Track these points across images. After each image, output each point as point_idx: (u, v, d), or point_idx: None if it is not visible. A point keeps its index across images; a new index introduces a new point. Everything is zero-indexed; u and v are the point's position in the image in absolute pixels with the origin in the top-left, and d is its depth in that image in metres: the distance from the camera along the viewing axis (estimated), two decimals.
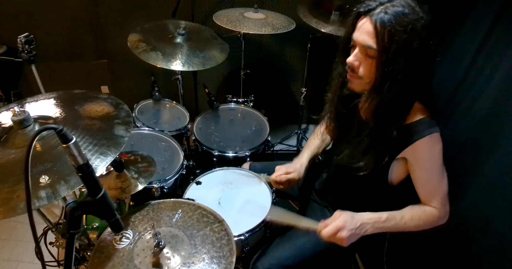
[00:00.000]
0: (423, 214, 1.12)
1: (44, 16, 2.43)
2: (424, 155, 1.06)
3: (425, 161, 1.07)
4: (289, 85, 2.97)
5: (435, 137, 1.03)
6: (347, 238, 1.06)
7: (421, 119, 1.04)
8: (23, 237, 2.08)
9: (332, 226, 1.08)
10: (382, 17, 0.90)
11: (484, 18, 1.31)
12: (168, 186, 1.64)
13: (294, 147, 2.85)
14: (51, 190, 0.86)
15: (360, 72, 1.01)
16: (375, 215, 1.11)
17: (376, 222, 1.10)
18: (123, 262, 1.09)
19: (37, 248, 0.80)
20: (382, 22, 0.90)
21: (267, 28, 2.00)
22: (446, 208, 1.12)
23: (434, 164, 1.08)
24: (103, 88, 2.80)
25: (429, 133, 1.02)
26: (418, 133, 1.03)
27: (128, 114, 1.14)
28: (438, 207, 1.11)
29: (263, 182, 1.55)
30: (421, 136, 1.02)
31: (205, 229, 1.19)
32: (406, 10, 0.90)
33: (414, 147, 1.04)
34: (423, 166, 1.08)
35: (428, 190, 1.12)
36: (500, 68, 1.21)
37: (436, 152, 1.06)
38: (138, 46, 1.91)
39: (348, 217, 1.09)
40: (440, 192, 1.11)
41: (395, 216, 1.11)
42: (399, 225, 1.11)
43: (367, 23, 0.94)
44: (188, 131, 2.02)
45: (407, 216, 1.12)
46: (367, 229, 1.09)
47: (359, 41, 0.97)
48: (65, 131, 0.66)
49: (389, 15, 0.89)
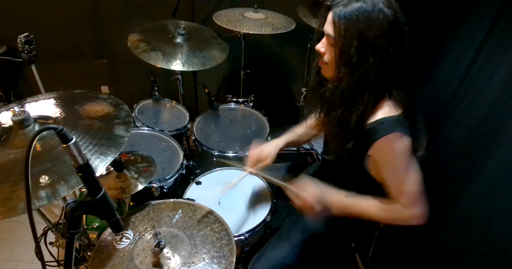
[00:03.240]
0: (392, 210, 1.12)
1: (44, 16, 2.44)
2: (386, 153, 1.07)
3: (387, 159, 1.08)
4: (289, 85, 2.97)
5: (395, 136, 1.03)
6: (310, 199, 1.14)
7: (385, 118, 1.05)
8: (23, 237, 2.08)
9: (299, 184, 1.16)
10: (340, 9, 1.00)
11: (484, 18, 1.31)
12: (168, 186, 1.64)
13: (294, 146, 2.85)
14: (51, 190, 0.86)
15: (325, 58, 1.10)
16: (341, 199, 1.17)
17: (341, 206, 1.17)
18: (124, 262, 1.09)
19: (37, 248, 0.80)
20: (340, 13, 1.00)
21: (267, 28, 2.00)
22: (419, 208, 1.09)
23: (395, 162, 1.08)
24: (103, 88, 2.80)
25: (388, 133, 1.03)
26: (379, 132, 1.04)
27: (128, 114, 1.14)
28: (408, 206, 1.09)
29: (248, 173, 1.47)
30: (381, 135, 1.04)
31: (205, 229, 1.19)
32: (365, 4, 0.98)
33: (376, 145, 1.06)
34: (386, 164, 1.09)
35: (394, 188, 1.11)
36: (500, 68, 1.21)
37: (397, 150, 1.05)
38: (138, 46, 1.91)
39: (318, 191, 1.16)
40: (408, 190, 1.08)
41: (360, 206, 1.16)
42: (364, 214, 1.16)
43: (330, 13, 1.04)
44: (188, 131, 2.02)
45: (372, 208, 1.15)
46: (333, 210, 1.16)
47: (325, 30, 1.07)
48: (65, 132, 0.66)
49: (347, 7, 0.99)
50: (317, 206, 1.14)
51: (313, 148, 2.56)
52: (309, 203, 1.14)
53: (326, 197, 1.16)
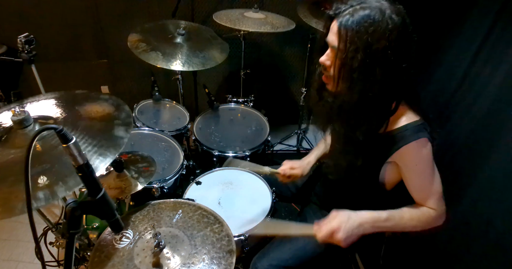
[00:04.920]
0: (422, 214, 1.11)
1: (44, 16, 2.43)
2: (412, 160, 1.06)
3: (413, 165, 1.07)
4: (289, 85, 2.97)
5: (421, 142, 1.03)
6: (344, 240, 1.05)
7: (408, 124, 1.04)
8: (23, 237, 2.08)
9: (326, 228, 1.07)
10: (346, 20, 0.93)
11: (484, 18, 1.31)
12: (168, 186, 1.64)
13: (294, 147, 2.85)
14: (49, 191, 0.86)
15: (330, 72, 1.04)
16: (374, 214, 1.10)
17: (375, 221, 1.09)
18: (123, 262, 1.09)
19: (37, 248, 0.80)
20: (346, 24, 0.93)
21: (267, 27, 2.00)
22: (443, 208, 1.12)
23: (423, 168, 1.08)
24: (103, 88, 2.80)
25: (415, 139, 1.02)
26: (404, 139, 1.03)
27: (128, 115, 1.14)
28: (435, 208, 1.11)
29: (266, 174, 1.54)
30: (407, 141, 1.03)
31: (205, 230, 1.19)
32: (373, 12, 0.91)
33: (401, 152, 1.05)
34: (413, 170, 1.09)
35: (421, 193, 1.12)
36: (500, 68, 1.21)
37: (424, 156, 1.06)
38: (138, 46, 1.91)
39: (344, 217, 1.08)
40: (434, 193, 1.10)
41: (394, 216, 1.11)
42: (399, 224, 1.11)
43: (334, 24, 0.98)
44: (188, 131, 2.02)
45: (406, 216, 1.11)
46: (366, 228, 1.08)
47: (329, 42, 1.01)
48: (65, 131, 0.66)
49: (354, 17, 0.92)
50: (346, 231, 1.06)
51: (313, 147, 2.55)
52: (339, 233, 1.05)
53: (355, 218, 1.08)
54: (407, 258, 1.66)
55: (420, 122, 1.05)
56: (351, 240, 1.07)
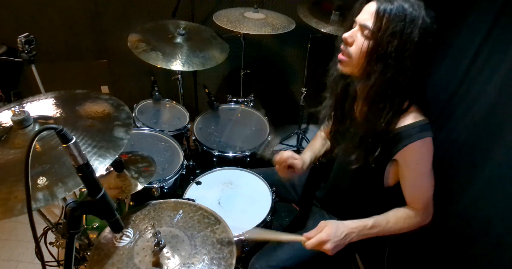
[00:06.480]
0: (408, 217, 1.14)
1: (44, 16, 2.43)
2: (414, 158, 1.07)
3: (415, 164, 1.08)
4: (289, 85, 2.97)
5: (426, 142, 1.04)
6: (331, 250, 1.08)
7: (414, 123, 1.05)
8: (23, 237, 2.08)
9: (316, 239, 1.08)
10: (386, 5, 0.96)
11: (484, 18, 1.31)
12: (168, 186, 1.64)
13: (294, 147, 2.85)
14: (49, 192, 0.86)
15: (351, 49, 1.04)
16: (360, 223, 1.12)
17: (361, 230, 1.12)
18: (123, 261, 1.09)
19: (37, 248, 0.80)
20: (386, 7, 0.96)
21: (267, 28, 2.00)
22: (429, 210, 1.15)
23: (423, 168, 1.09)
24: (103, 88, 2.80)
25: (421, 137, 1.03)
26: (410, 137, 1.04)
27: (128, 116, 1.13)
28: (422, 210, 1.13)
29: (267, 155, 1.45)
30: (413, 140, 1.03)
31: (205, 230, 1.19)
32: (411, 8, 0.95)
33: (405, 150, 1.05)
34: (412, 169, 1.10)
35: (414, 192, 1.14)
36: (500, 68, 1.21)
37: (426, 156, 1.07)
38: (138, 46, 1.91)
39: (332, 229, 1.09)
40: (426, 195, 1.13)
41: (380, 222, 1.13)
42: (384, 230, 1.13)
43: (372, 5, 1.00)
44: (188, 131, 2.02)
45: (392, 220, 1.14)
46: (352, 238, 1.11)
47: (359, 21, 1.02)
48: (65, 131, 0.66)
49: (393, 5, 0.95)
50: (334, 242, 1.08)
51: None
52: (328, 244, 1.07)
53: (342, 228, 1.10)
54: (407, 257, 1.66)
55: (426, 122, 1.06)
56: (338, 249, 1.10)
